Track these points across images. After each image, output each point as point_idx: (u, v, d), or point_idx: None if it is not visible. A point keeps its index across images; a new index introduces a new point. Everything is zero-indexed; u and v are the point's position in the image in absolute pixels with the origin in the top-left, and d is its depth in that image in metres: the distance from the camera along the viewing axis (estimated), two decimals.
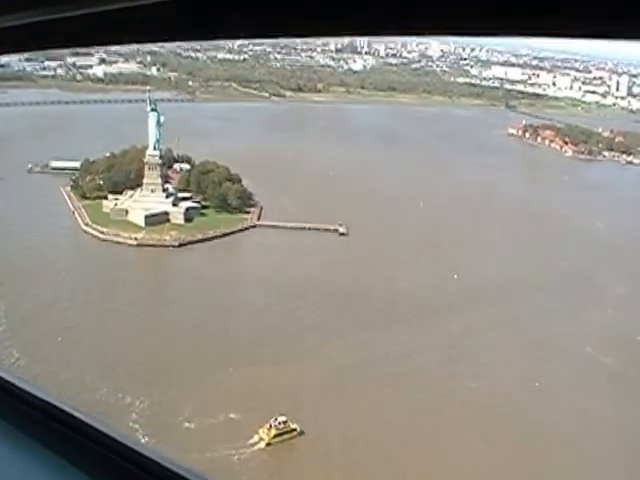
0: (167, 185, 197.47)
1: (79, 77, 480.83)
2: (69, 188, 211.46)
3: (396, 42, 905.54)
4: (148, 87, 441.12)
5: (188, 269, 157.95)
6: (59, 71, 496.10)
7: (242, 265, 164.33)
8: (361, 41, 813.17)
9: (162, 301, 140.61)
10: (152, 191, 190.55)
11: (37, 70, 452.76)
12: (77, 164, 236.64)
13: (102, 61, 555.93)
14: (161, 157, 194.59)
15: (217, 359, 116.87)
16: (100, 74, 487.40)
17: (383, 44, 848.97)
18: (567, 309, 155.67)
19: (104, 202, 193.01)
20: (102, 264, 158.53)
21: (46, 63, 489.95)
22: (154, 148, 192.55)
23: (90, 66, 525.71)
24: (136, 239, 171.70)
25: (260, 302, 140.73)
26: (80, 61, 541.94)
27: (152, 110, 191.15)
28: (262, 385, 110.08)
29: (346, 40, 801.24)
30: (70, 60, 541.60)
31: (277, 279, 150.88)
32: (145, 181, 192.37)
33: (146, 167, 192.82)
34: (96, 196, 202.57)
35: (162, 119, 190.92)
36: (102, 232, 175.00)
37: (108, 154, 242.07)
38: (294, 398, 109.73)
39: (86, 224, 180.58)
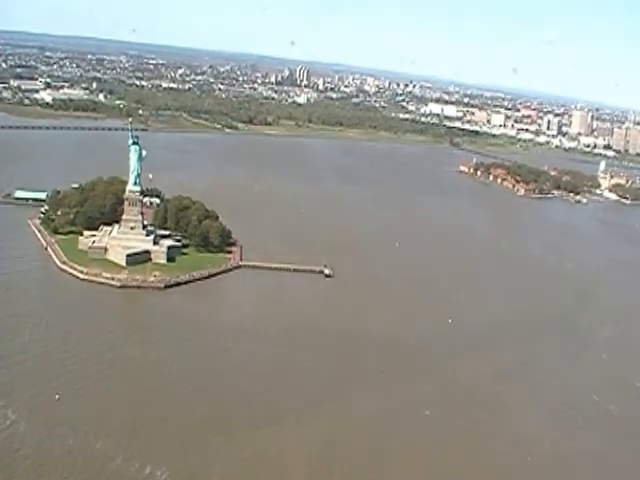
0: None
1: (26, 101, 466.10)
2: (38, 221, 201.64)
3: (333, 76, 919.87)
4: (104, 115, 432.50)
5: (178, 314, 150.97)
6: (4, 94, 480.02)
7: (233, 310, 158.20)
8: (300, 74, 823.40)
9: (157, 358, 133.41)
10: (132, 228, 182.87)
11: None
12: (43, 195, 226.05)
13: (47, 85, 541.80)
14: (141, 193, 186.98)
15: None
16: (48, 99, 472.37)
17: (321, 78, 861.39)
18: (562, 355, 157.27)
19: (80, 238, 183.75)
20: (87, 310, 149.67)
21: None
22: (135, 183, 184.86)
23: (36, 90, 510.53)
24: (119, 280, 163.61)
25: (252, 355, 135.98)
26: (25, 84, 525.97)
27: (134, 143, 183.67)
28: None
29: (286, 72, 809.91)
30: (14, 83, 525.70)
31: (269, 328, 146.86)
32: (124, 217, 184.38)
33: (126, 203, 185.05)
34: (69, 231, 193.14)
35: (144, 153, 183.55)
36: (81, 272, 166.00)
37: (75, 185, 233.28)
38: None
39: (63, 262, 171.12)
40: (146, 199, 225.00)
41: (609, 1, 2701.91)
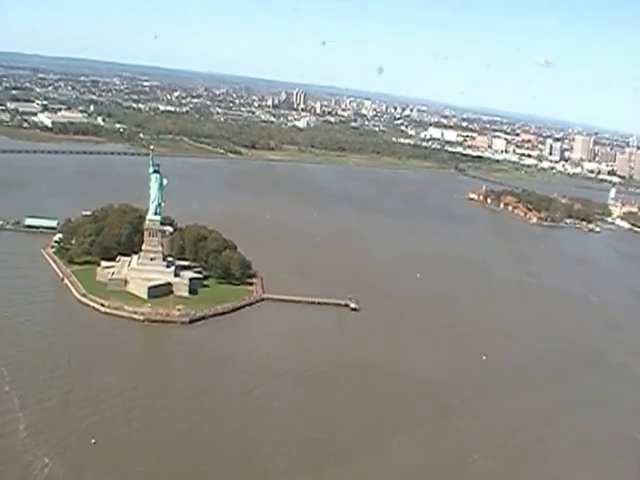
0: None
1: (25, 125, 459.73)
2: (51, 250, 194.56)
3: (330, 100, 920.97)
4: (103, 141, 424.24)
5: (205, 351, 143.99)
6: (2, 117, 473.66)
7: (259, 347, 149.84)
8: (297, 98, 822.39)
9: (187, 400, 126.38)
10: (152, 259, 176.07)
11: None
12: (54, 223, 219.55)
13: (45, 108, 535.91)
14: (162, 223, 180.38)
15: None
16: (48, 122, 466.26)
17: (318, 102, 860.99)
18: (604, 393, 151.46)
19: (98, 269, 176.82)
20: (111, 346, 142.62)
21: None
22: (155, 213, 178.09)
23: (34, 113, 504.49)
24: (142, 314, 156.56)
25: (281, 398, 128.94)
26: (22, 107, 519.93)
27: (154, 172, 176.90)
28: None
29: (283, 96, 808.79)
30: (11, 105, 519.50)
31: (298, 367, 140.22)
32: (144, 247, 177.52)
33: (146, 233, 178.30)
34: (84, 261, 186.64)
35: (165, 182, 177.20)
36: (102, 305, 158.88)
37: (86, 212, 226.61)
38: None
39: (82, 294, 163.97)
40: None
41: (602, 25, 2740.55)
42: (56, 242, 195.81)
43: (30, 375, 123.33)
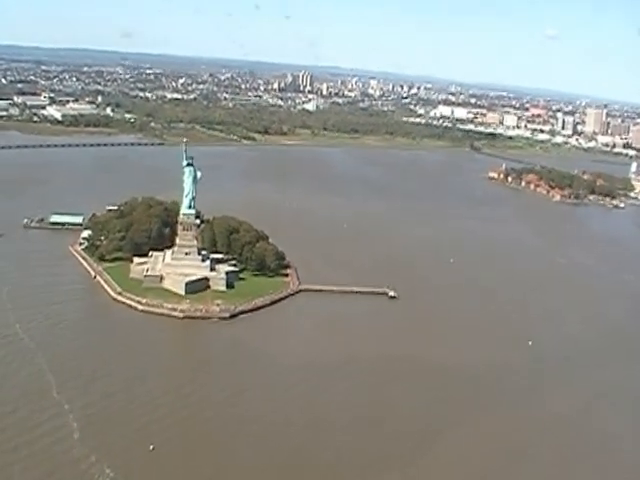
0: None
1: (35, 119, 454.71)
2: (80, 247, 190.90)
3: (335, 81, 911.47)
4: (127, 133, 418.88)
5: (249, 348, 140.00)
6: (12, 111, 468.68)
7: (303, 341, 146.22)
8: (303, 80, 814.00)
9: (238, 399, 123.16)
10: (187, 254, 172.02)
11: None
12: (79, 219, 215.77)
13: (52, 101, 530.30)
14: (197, 217, 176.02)
15: None
16: (57, 115, 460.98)
17: (325, 83, 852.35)
18: None
19: (131, 266, 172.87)
20: (153, 346, 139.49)
21: None
22: (189, 206, 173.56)
23: (43, 106, 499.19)
24: (182, 311, 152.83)
25: (333, 393, 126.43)
26: (30, 101, 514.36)
27: (188, 165, 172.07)
28: None
29: (289, 79, 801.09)
30: (18, 99, 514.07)
31: (343, 360, 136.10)
32: (179, 242, 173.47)
33: (180, 227, 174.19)
34: (115, 258, 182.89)
35: (199, 175, 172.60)
36: (139, 302, 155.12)
37: (111, 207, 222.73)
38: None
39: (118, 293, 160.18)
40: None
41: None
42: (85, 239, 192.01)
43: (76, 379, 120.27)
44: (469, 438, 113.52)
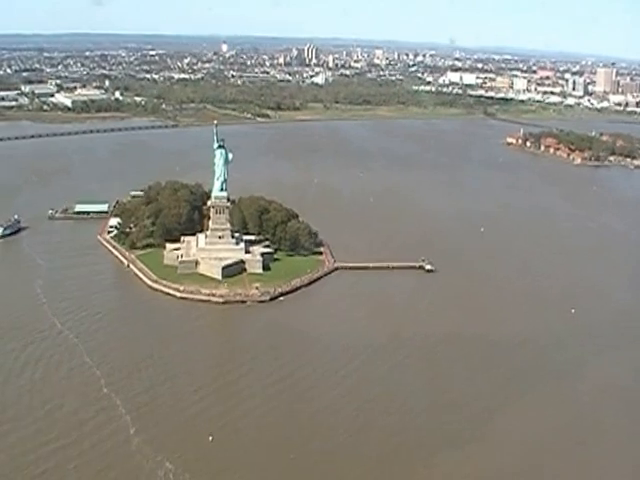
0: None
1: (45, 107, 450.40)
2: (108, 235, 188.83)
3: (340, 52, 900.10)
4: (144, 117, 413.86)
5: (293, 330, 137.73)
6: (21, 101, 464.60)
7: (346, 320, 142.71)
8: (309, 53, 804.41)
9: (295, 383, 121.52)
10: (220, 237, 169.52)
11: None
12: (104, 207, 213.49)
13: (60, 88, 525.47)
14: (228, 199, 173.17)
15: None
16: (67, 103, 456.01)
17: (330, 55, 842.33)
18: None
19: (165, 253, 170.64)
20: (197, 333, 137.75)
21: (1, 93, 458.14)
22: (221, 189, 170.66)
23: (51, 94, 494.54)
24: (221, 296, 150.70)
25: (388, 372, 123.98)
26: (38, 89, 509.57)
27: (219, 147, 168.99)
28: None
29: (294, 53, 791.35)
30: (25, 88, 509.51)
31: (390, 338, 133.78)
32: (212, 226, 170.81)
33: (212, 210, 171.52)
34: (146, 245, 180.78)
35: (231, 156, 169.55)
36: (177, 289, 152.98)
37: (135, 193, 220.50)
38: None
39: (154, 281, 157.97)
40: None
41: None
42: (113, 227, 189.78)
43: (123, 372, 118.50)
44: (529, 413, 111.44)
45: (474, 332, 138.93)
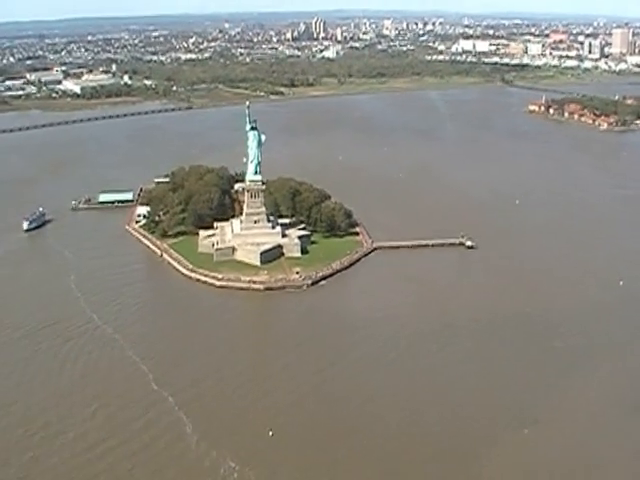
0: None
1: (54, 95, 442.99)
2: (136, 225, 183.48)
3: (349, 24, 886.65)
4: (162, 101, 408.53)
5: (341, 315, 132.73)
6: (28, 89, 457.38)
7: (392, 303, 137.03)
8: (316, 27, 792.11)
9: (353, 374, 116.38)
10: (256, 222, 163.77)
11: (1, 90, 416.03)
12: (129, 196, 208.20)
13: (67, 74, 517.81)
14: (263, 182, 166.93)
15: None
16: (76, 89, 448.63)
17: (338, 28, 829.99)
18: None
19: (199, 240, 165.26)
20: (244, 322, 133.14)
21: (8, 82, 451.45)
22: (255, 172, 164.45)
23: (58, 81, 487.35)
24: (262, 283, 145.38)
25: (446, 356, 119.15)
26: (44, 76, 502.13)
27: (252, 128, 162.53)
28: None
29: (302, 27, 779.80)
30: (31, 76, 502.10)
31: (440, 319, 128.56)
32: (247, 210, 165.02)
33: (247, 194, 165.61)
34: (177, 232, 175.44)
35: (264, 138, 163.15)
36: (216, 278, 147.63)
37: (159, 180, 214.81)
38: None
39: (190, 270, 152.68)
40: (237, 185, 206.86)
41: None
42: (143, 216, 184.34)
43: (171, 366, 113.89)
44: (594, 390, 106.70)
45: (524, 310, 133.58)
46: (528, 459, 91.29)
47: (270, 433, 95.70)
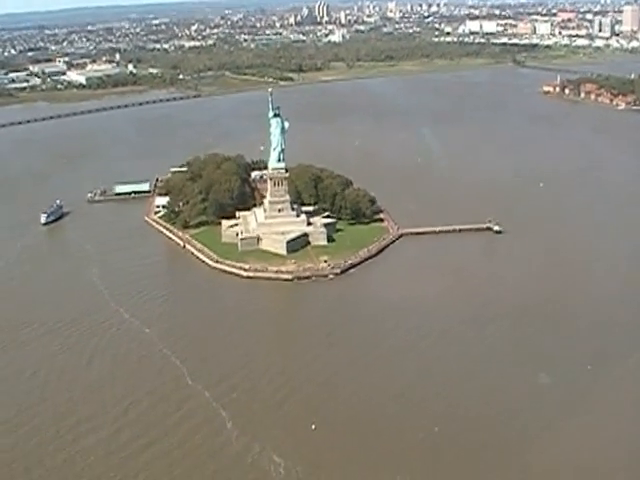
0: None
1: (60, 86, 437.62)
2: (156, 216, 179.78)
3: (352, 7, 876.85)
4: (173, 88, 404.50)
5: (373, 304, 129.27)
6: (32, 81, 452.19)
7: (424, 290, 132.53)
8: (320, 11, 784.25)
9: (393, 366, 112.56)
10: (279, 210, 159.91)
11: (5, 83, 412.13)
12: (146, 186, 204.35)
13: (70, 65, 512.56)
14: (286, 170, 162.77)
15: None
16: (82, 80, 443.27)
17: (342, 12, 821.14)
18: None
19: (222, 230, 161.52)
20: (277, 314, 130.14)
21: (11, 75, 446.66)
22: (278, 160, 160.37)
23: (62, 72, 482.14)
24: (290, 272, 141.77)
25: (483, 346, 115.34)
26: (47, 68, 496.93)
27: (275, 115, 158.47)
28: None
29: (305, 12, 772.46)
30: (34, 68, 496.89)
31: (475, 307, 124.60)
32: (270, 199, 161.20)
33: (270, 183, 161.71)
34: (199, 222, 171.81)
35: (287, 125, 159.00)
36: (243, 268, 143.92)
37: (175, 169, 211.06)
38: None
39: (216, 261, 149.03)
40: (255, 173, 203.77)
41: None
42: (161, 207, 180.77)
43: (203, 360, 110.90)
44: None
45: (558, 297, 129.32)
46: (581, 448, 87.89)
47: (313, 427, 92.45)
